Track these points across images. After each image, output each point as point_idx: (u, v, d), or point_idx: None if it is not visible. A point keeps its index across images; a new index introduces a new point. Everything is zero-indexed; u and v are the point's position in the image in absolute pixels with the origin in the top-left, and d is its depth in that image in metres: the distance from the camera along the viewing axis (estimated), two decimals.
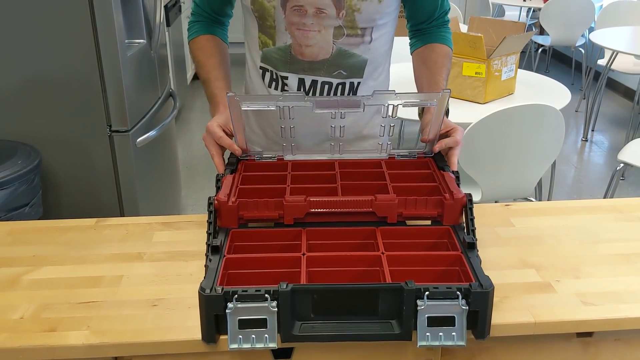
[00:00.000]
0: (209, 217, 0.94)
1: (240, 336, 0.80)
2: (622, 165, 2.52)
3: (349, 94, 1.24)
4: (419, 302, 0.79)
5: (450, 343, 0.80)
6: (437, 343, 0.81)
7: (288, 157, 1.13)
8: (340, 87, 1.23)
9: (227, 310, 0.79)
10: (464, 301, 0.79)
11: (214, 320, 0.80)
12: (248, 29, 1.25)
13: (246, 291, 0.78)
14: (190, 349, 0.84)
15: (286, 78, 1.22)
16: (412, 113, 2.23)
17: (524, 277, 0.96)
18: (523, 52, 5.40)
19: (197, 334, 0.84)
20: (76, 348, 0.82)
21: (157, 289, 0.93)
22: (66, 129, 1.99)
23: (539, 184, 2.22)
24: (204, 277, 0.83)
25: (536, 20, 5.15)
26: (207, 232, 0.92)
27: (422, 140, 1.13)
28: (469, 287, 0.80)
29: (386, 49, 1.27)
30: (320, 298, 0.80)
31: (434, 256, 0.91)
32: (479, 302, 0.80)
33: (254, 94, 1.29)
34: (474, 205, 1.02)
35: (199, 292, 0.79)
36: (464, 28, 2.95)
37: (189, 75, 4.67)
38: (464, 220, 0.97)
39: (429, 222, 1.01)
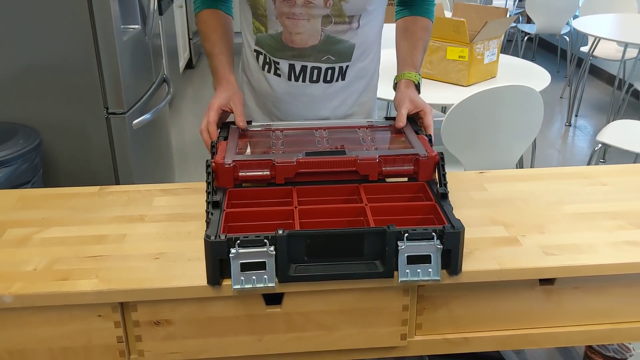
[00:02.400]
0: (208, 178, 1.02)
1: (242, 278, 0.89)
2: (600, 145, 2.63)
3: (337, 78, 1.30)
4: (399, 243, 0.90)
5: (427, 278, 0.91)
6: (415, 278, 0.91)
7: (275, 125, 1.21)
8: (329, 71, 1.29)
9: (230, 255, 0.88)
10: (438, 241, 0.90)
11: (218, 264, 0.89)
12: (243, 13, 1.32)
13: (247, 237, 0.88)
14: (190, 295, 0.93)
15: (278, 63, 1.28)
16: None
17: (493, 233, 1.05)
18: (510, 41, 5.49)
19: (196, 282, 0.93)
20: (87, 294, 0.91)
21: (158, 245, 1.02)
22: (65, 111, 2.07)
23: (521, 164, 2.32)
24: (207, 228, 0.92)
25: (523, 9, 5.23)
26: (206, 191, 1.01)
27: (397, 127, 1.20)
28: (442, 228, 0.90)
29: (375, 32, 1.32)
30: (313, 242, 0.90)
31: (412, 206, 1.01)
32: (452, 241, 0.90)
33: (250, 74, 1.36)
34: (452, 173, 1.11)
35: (204, 239, 0.88)
36: (449, 15, 3.03)
37: (182, 64, 4.73)
38: (437, 176, 1.07)
39: (405, 179, 1.10)
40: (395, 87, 1.30)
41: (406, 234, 0.90)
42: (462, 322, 1.02)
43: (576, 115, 4.15)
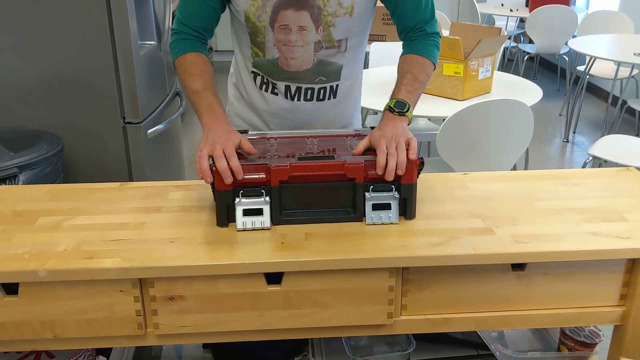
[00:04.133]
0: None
1: (244, 221, 1.13)
2: (591, 158, 2.75)
3: (329, 96, 1.43)
4: (366, 193, 1.15)
5: (388, 221, 1.16)
6: (379, 221, 1.16)
7: (270, 134, 1.32)
8: (322, 90, 1.41)
9: (235, 202, 1.12)
10: (396, 192, 1.15)
11: (225, 210, 1.13)
12: (240, 37, 1.40)
13: (248, 189, 1.12)
14: (200, 272, 1.06)
15: (276, 83, 1.40)
16: None
17: (471, 224, 1.18)
18: (511, 60, 5.65)
19: (207, 262, 1.06)
20: (111, 270, 1.04)
21: (173, 231, 1.15)
22: (86, 120, 2.22)
23: None
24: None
25: (524, 30, 5.39)
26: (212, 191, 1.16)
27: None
28: (399, 181, 1.14)
29: (360, 51, 1.43)
30: (300, 193, 1.14)
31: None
32: (407, 192, 1.16)
33: (244, 91, 1.46)
34: (439, 174, 1.28)
35: (214, 189, 1.08)
36: (446, 34, 3.18)
37: None
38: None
39: None
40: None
41: (371, 186, 1.14)
42: (442, 303, 1.14)
43: (574, 132, 4.28)
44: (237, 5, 1.32)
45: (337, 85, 1.41)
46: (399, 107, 1.25)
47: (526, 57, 5.18)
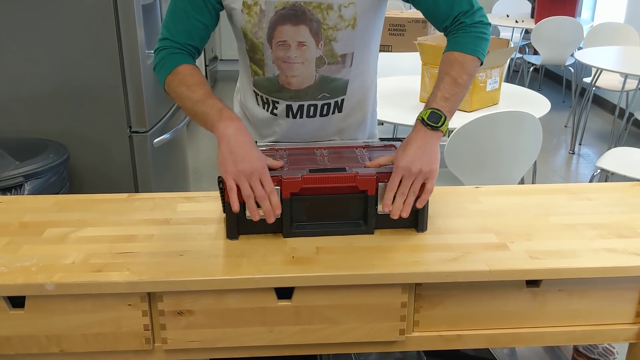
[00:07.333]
0: (220, 193, 1.15)
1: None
2: (599, 171, 2.73)
3: (334, 110, 1.35)
4: (377, 206, 1.14)
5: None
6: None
7: (280, 145, 1.31)
8: (325, 107, 1.34)
9: (246, 215, 1.11)
10: None
11: (235, 222, 1.13)
12: (242, 56, 1.35)
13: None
14: (210, 287, 1.04)
15: (277, 102, 1.34)
16: (404, 118, 2.43)
17: (484, 239, 1.16)
18: (516, 71, 5.64)
19: (216, 276, 1.04)
20: (119, 284, 1.02)
21: (182, 244, 1.13)
22: (92, 129, 2.21)
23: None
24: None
25: (529, 41, 5.39)
26: (222, 203, 1.16)
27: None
28: None
29: (370, 63, 1.36)
30: (310, 205, 1.14)
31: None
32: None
33: (246, 109, 1.42)
34: (450, 187, 1.24)
35: (225, 203, 1.07)
36: None
37: None
38: None
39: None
40: None
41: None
42: (455, 320, 1.12)
43: (580, 144, 4.26)
44: (236, 21, 1.26)
45: (343, 100, 1.35)
46: (433, 120, 1.14)
47: (531, 68, 5.17)
